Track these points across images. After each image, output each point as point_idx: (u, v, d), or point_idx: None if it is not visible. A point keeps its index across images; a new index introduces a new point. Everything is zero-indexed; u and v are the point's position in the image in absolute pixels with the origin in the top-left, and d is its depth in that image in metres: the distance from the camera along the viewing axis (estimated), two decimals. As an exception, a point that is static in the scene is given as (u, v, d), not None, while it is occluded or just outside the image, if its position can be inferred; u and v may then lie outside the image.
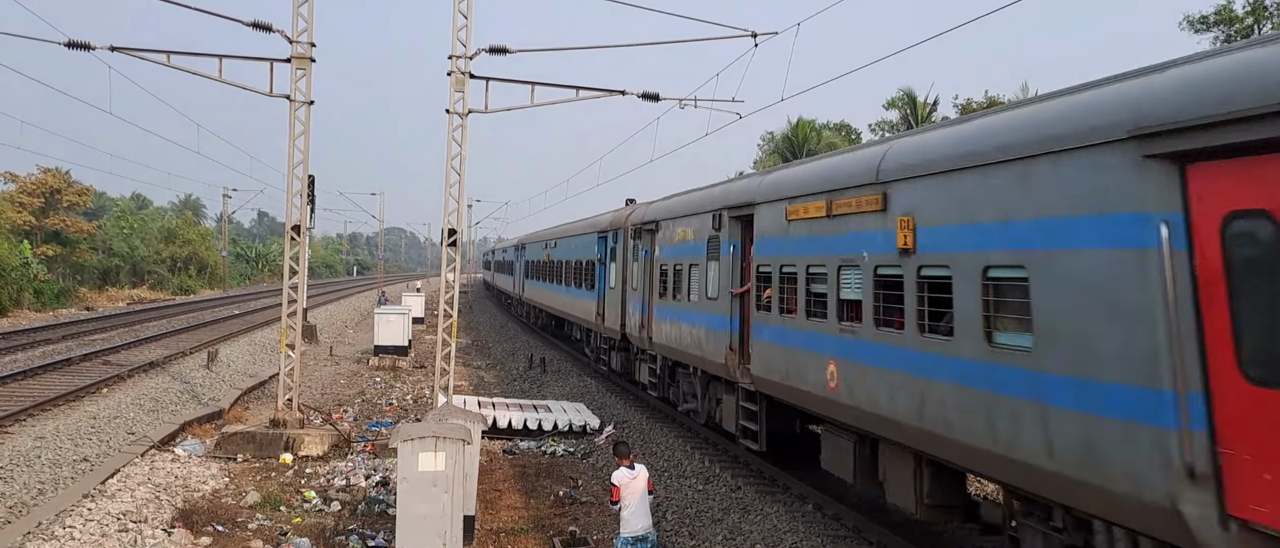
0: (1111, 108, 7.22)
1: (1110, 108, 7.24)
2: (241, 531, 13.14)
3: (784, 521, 12.90)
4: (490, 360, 35.21)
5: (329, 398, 24.72)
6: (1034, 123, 8.15)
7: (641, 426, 20.35)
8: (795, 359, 12.51)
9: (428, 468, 10.49)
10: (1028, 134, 8.12)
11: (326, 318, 47.88)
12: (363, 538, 12.78)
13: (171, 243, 79.25)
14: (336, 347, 36.88)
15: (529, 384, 28.41)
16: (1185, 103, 6.49)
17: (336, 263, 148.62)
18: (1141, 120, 6.77)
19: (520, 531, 13.67)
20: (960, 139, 9.37)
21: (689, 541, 13.03)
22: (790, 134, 57.48)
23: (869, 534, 12.12)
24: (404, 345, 32.11)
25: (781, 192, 13.31)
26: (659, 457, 17.65)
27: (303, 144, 18.13)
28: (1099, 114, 7.32)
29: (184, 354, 28.32)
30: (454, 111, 18.15)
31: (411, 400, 24.63)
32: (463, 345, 40.32)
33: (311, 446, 17.77)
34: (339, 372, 29.88)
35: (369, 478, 16.01)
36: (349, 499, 14.86)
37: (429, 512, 10.54)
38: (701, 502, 14.59)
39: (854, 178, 11.16)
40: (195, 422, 19.73)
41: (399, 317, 32.46)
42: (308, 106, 18.04)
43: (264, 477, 16.28)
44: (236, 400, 23.08)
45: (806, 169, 13.21)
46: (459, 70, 18.02)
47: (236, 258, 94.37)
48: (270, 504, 14.54)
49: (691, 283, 17.70)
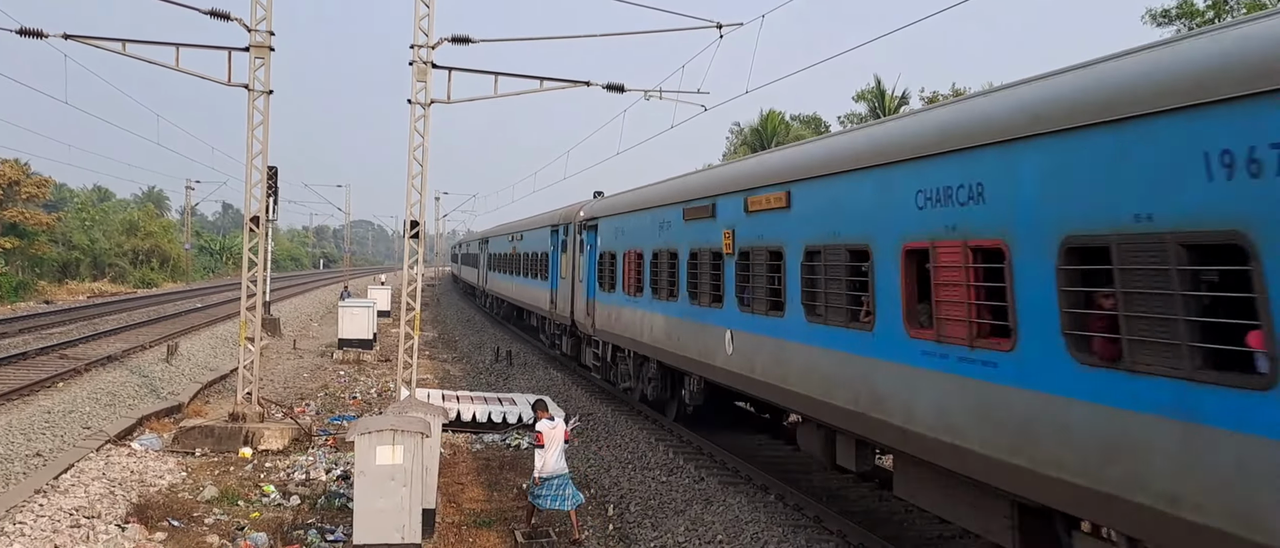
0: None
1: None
2: (198, 526, 12.97)
3: (746, 511, 12.90)
4: (456, 354, 35.02)
5: (291, 392, 24.47)
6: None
7: (606, 418, 20.30)
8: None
9: (385, 461, 10.40)
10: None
11: (291, 311, 47.42)
12: (322, 532, 12.65)
13: (133, 236, 78.06)
14: (300, 340, 36.53)
15: (495, 378, 28.28)
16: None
17: (303, 256, 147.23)
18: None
19: (482, 523, 13.59)
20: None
21: (651, 532, 13.02)
22: (759, 126, 57.63)
23: (830, 524, 12.15)
24: (369, 339, 31.85)
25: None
26: (624, 448, 17.61)
27: (262, 134, 17.89)
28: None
29: (143, 348, 27.91)
30: (416, 102, 17.97)
31: (375, 394, 24.44)
32: (429, 339, 40.07)
33: (271, 440, 17.57)
34: (302, 365, 29.59)
35: (330, 472, 15.85)
36: (308, 493, 14.71)
37: (387, 505, 10.46)
38: (665, 494, 14.57)
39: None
40: (153, 416, 19.45)
41: (363, 310, 32.20)
42: (267, 96, 17.79)
43: (222, 471, 16.08)
44: (196, 394, 22.78)
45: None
46: (421, 60, 17.85)
47: (200, 251, 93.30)
48: (228, 499, 14.36)
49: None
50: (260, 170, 18.04)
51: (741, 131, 62.29)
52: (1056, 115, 7.09)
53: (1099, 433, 6.57)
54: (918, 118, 9.66)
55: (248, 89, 17.77)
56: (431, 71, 18.03)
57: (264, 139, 17.94)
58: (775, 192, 12.13)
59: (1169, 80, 6.22)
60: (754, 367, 12.97)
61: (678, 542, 12.45)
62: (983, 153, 7.88)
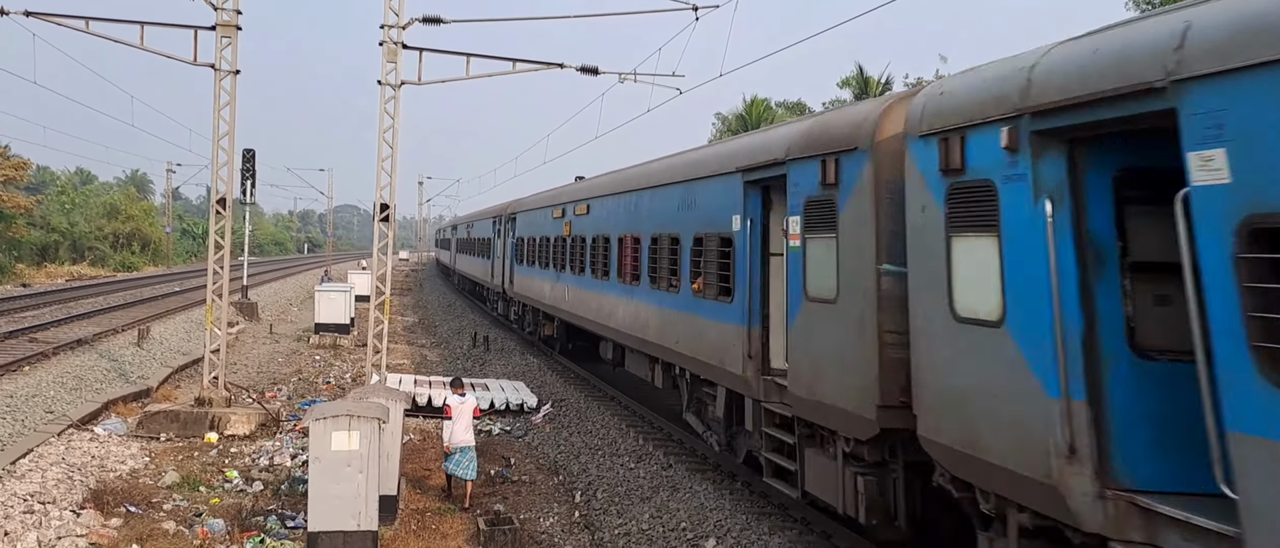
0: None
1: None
2: (156, 512, 12.79)
3: (711, 498, 12.78)
4: (435, 339, 34.82)
5: (264, 376, 24.26)
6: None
7: (579, 404, 20.15)
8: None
9: (341, 447, 10.24)
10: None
11: (271, 295, 47.10)
12: (282, 519, 12.49)
13: (114, 219, 77.30)
14: (278, 325, 36.24)
15: (472, 363, 28.10)
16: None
17: (287, 240, 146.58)
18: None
19: (446, 510, 13.44)
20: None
21: (616, 519, 12.89)
22: (744, 113, 57.42)
23: (794, 511, 12.04)
24: (346, 324, 31.60)
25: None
26: (594, 435, 17.47)
27: (229, 115, 17.62)
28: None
29: (115, 332, 27.58)
30: (386, 83, 17.73)
31: (349, 379, 24.22)
32: (409, 324, 39.85)
33: (238, 425, 17.36)
34: (278, 350, 29.34)
35: (295, 458, 15.66)
36: (272, 479, 14.53)
37: (343, 492, 10.30)
38: (632, 480, 14.44)
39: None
40: (120, 400, 19.22)
41: (341, 294, 31.94)
42: (233, 76, 17.51)
43: (186, 457, 15.88)
44: (166, 379, 22.55)
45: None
46: (391, 41, 17.60)
47: (182, 234, 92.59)
48: (189, 485, 14.17)
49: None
50: (227, 152, 17.78)
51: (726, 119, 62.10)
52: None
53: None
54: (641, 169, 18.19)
55: (214, 69, 17.49)
56: (402, 52, 17.78)
57: (231, 120, 17.67)
58: (581, 204, 21.80)
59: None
60: (577, 309, 22.21)
61: (642, 529, 12.33)
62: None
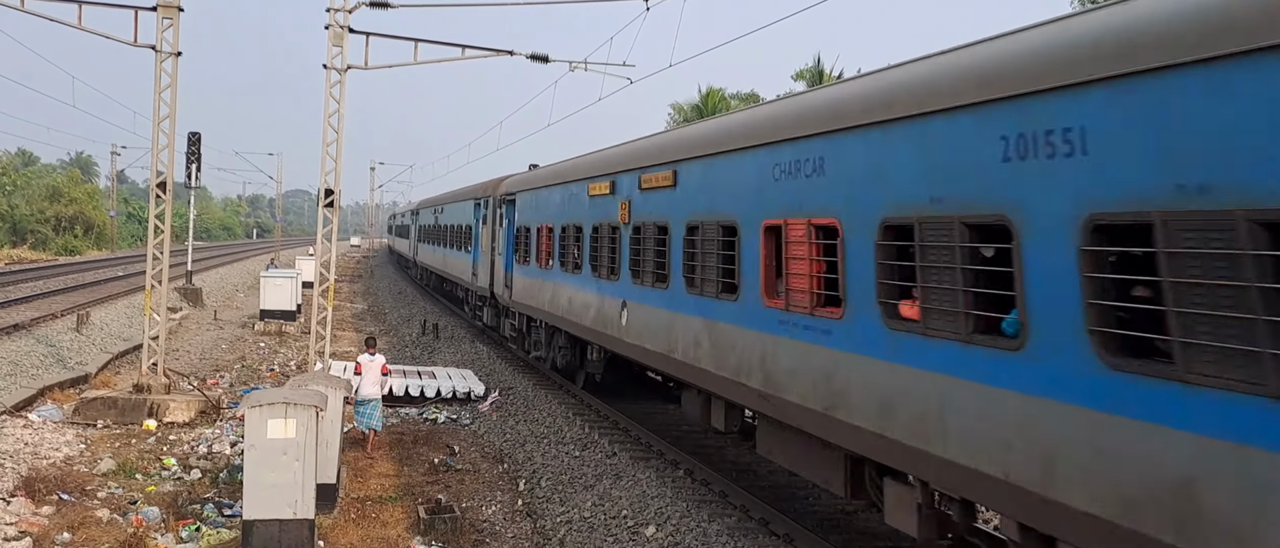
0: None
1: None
2: (90, 499, 12.58)
3: (653, 486, 12.86)
4: (384, 326, 34.52)
5: (206, 363, 23.93)
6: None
7: (527, 392, 20.14)
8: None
9: (277, 435, 10.14)
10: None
11: (216, 281, 46.41)
12: (220, 507, 12.36)
13: (57, 202, 75.58)
14: (223, 311, 35.73)
15: (421, 351, 27.93)
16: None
17: (236, 225, 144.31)
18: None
19: (387, 499, 13.38)
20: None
21: (559, 507, 12.92)
22: (701, 104, 57.58)
23: (734, 499, 12.16)
24: (292, 310, 31.26)
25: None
26: (541, 423, 17.48)
27: (170, 97, 17.31)
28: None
29: (55, 317, 27.02)
30: (331, 67, 17.53)
31: (294, 367, 23.97)
32: (359, 311, 39.49)
33: (178, 412, 17.13)
34: (221, 336, 28.94)
35: (235, 445, 15.46)
36: (211, 467, 14.36)
37: (279, 480, 10.20)
38: (576, 468, 14.48)
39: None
40: (56, 387, 18.85)
41: (287, 280, 31.59)
42: (175, 58, 17.21)
43: (123, 444, 15.63)
44: (106, 365, 22.17)
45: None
46: (337, 24, 17.40)
47: (127, 218, 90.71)
48: (125, 472, 13.96)
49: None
50: (168, 135, 17.48)
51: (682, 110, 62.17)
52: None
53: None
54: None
55: (155, 51, 17.18)
56: (348, 36, 17.59)
57: (172, 103, 17.37)
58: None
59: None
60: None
61: (584, 517, 12.38)
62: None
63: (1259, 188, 4.68)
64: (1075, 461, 5.83)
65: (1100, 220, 5.60)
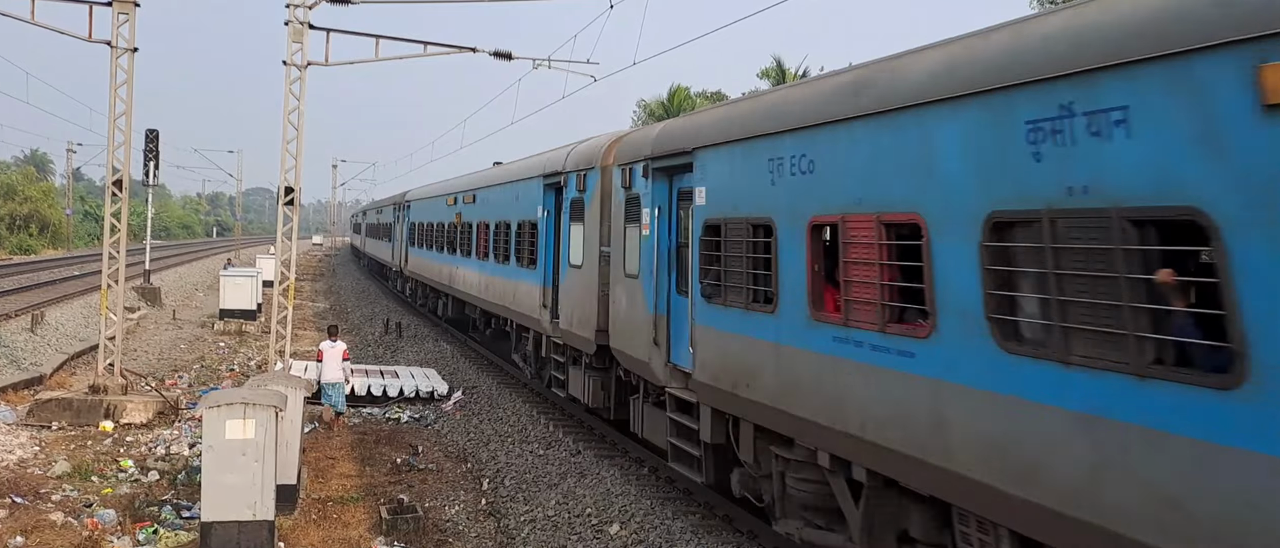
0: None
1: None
2: (44, 502, 12.37)
3: (618, 484, 12.86)
4: (347, 325, 34.17)
5: (165, 363, 23.60)
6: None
7: (491, 392, 20.05)
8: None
9: (236, 436, 10.02)
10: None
11: (175, 280, 45.74)
12: (177, 508, 12.20)
13: (11, 200, 74.09)
14: (182, 310, 35.24)
15: (383, 350, 27.73)
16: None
17: (196, 223, 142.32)
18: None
19: (349, 499, 13.27)
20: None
21: (522, 506, 12.88)
22: (666, 101, 57.73)
23: (699, 496, 12.18)
24: (252, 309, 30.89)
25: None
26: (505, 422, 17.41)
27: (126, 94, 17.04)
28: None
29: (8, 317, 26.45)
30: (291, 63, 17.34)
31: (255, 366, 23.68)
32: (321, 310, 39.11)
33: (135, 413, 16.88)
34: (180, 336, 28.55)
35: (194, 447, 15.25)
36: (169, 469, 14.16)
37: (237, 481, 10.08)
38: (540, 467, 14.44)
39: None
40: (10, 388, 18.52)
41: (247, 279, 31.22)
42: (131, 54, 16.94)
43: (79, 446, 15.38)
44: (61, 366, 21.79)
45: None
46: (297, 20, 17.22)
47: (84, 216, 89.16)
48: (81, 474, 13.72)
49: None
50: (124, 132, 17.20)
51: (648, 106, 62.28)
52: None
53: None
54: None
55: (110, 46, 16.90)
56: (308, 32, 17.40)
57: (129, 99, 17.10)
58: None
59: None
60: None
61: (548, 516, 12.35)
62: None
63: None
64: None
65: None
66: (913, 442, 6.84)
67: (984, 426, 6.13)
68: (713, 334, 10.03)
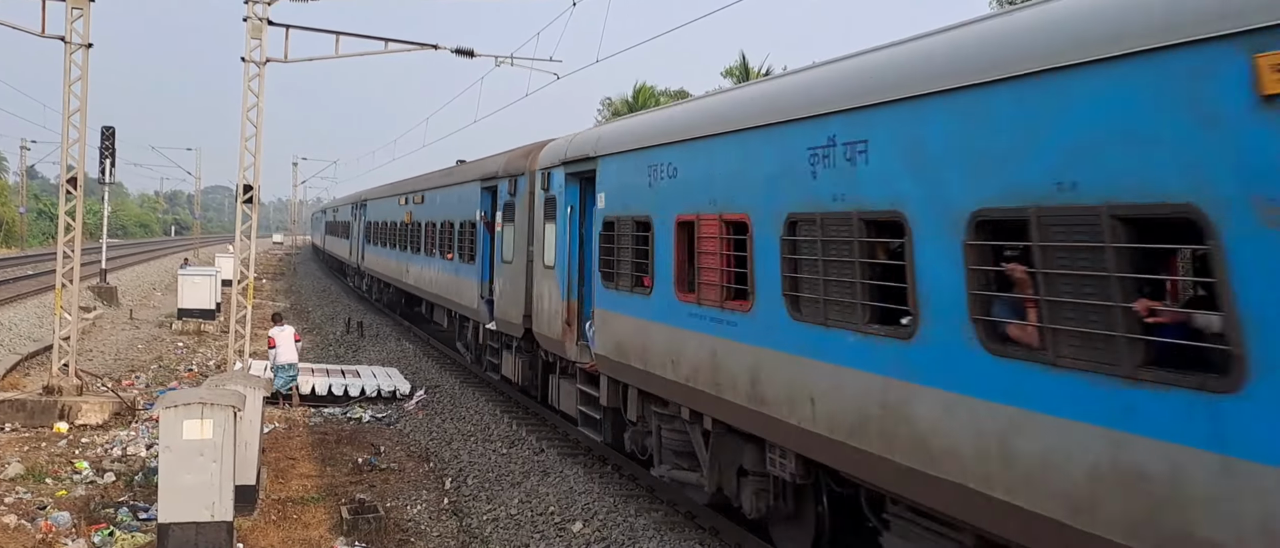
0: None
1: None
2: (-4, 506, 12.14)
3: (581, 482, 12.87)
4: (308, 325, 33.88)
5: (122, 363, 23.26)
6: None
7: (454, 390, 19.97)
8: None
9: (193, 436, 9.90)
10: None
11: (133, 279, 45.07)
12: (134, 510, 12.04)
13: (-39, 198, 72.76)
14: (140, 310, 34.75)
15: (345, 349, 27.52)
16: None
17: (153, 222, 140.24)
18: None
19: (309, 499, 13.16)
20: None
21: (485, 505, 12.84)
22: (631, 99, 57.82)
23: (662, 494, 12.22)
24: (211, 309, 30.53)
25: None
26: (468, 421, 17.35)
27: (80, 90, 16.76)
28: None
29: (-41, 317, 26.01)
30: (250, 60, 17.16)
31: (213, 366, 23.41)
32: (282, 309, 38.67)
33: (91, 414, 16.62)
34: (138, 336, 28.14)
35: (151, 447, 15.05)
36: (125, 470, 13.96)
37: (195, 482, 9.97)
38: (503, 466, 14.41)
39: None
40: (-40, 390, 18.14)
41: (206, 279, 30.85)
42: (86, 50, 16.67)
43: (32, 447, 15.12)
44: (14, 367, 21.41)
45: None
46: (256, 16, 17.04)
47: (38, 215, 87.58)
48: (35, 477, 13.50)
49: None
50: (79, 129, 16.92)
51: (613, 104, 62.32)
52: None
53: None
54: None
55: (64, 42, 16.61)
56: (267, 29, 17.23)
57: (83, 96, 16.82)
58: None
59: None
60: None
61: (510, 514, 12.33)
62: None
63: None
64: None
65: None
66: (740, 392, 8.76)
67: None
68: (608, 315, 12.19)
